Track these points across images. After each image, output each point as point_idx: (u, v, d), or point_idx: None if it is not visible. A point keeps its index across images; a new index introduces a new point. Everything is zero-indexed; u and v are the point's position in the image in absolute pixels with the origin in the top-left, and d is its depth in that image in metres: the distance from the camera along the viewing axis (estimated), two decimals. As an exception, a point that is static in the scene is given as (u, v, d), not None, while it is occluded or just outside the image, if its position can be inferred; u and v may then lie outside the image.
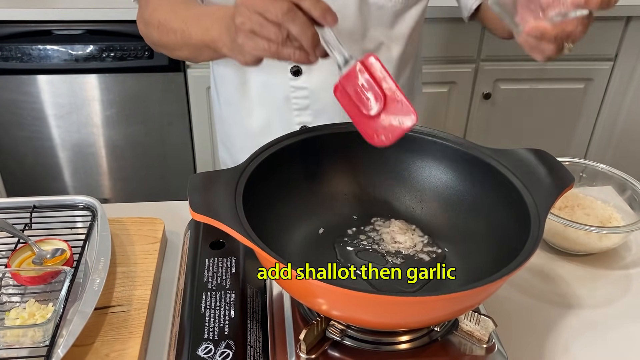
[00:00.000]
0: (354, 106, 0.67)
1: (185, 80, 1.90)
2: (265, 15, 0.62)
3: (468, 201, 0.76)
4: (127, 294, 0.77)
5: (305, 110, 1.00)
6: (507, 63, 2.00)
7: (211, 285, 0.73)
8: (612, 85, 2.08)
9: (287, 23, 0.62)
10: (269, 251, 0.56)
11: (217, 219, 0.59)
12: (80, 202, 0.87)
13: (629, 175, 0.97)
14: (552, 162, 0.71)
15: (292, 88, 0.98)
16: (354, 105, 0.67)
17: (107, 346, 0.70)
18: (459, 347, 0.66)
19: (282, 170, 0.74)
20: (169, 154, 2.03)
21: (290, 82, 0.97)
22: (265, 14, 0.62)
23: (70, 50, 1.79)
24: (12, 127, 1.92)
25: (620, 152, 2.22)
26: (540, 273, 0.88)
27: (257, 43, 0.64)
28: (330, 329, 0.65)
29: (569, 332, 0.78)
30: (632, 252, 0.94)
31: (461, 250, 0.75)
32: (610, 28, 1.96)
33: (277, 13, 0.61)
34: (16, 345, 0.66)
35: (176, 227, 0.92)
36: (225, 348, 0.65)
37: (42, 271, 0.75)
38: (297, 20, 0.62)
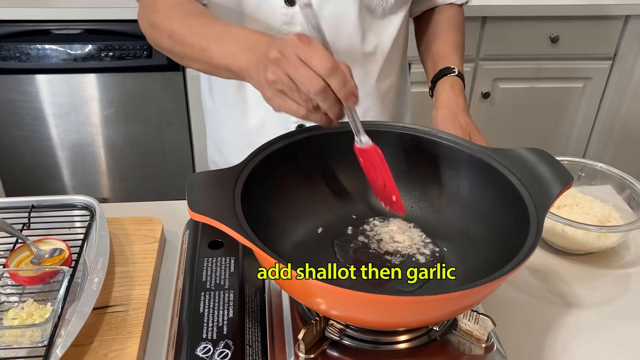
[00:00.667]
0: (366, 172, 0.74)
1: (184, 80, 1.90)
2: (298, 85, 0.63)
3: (467, 200, 0.76)
4: (125, 294, 0.77)
5: None
6: (506, 62, 2.00)
7: (210, 285, 0.73)
8: (610, 84, 2.08)
9: (317, 100, 0.63)
10: (268, 251, 0.56)
11: (216, 219, 0.59)
12: (78, 201, 0.87)
13: (627, 175, 0.97)
14: (551, 161, 0.71)
15: None
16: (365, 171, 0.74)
17: (106, 346, 0.70)
18: (458, 347, 0.66)
19: (281, 170, 0.74)
20: (168, 154, 2.03)
21: None
22: (298, 84, 0.63)
23: (69, 50, 1.79)
24: (11, 127, 1.91)
25: (619, 151, 2.22)
26: (539, 272, 0.88)
27: (286, 103, 0.65)
28: (329, 328, 0.65)
29: (567, 331, 0.78)
30: (631, 251, 0.94)
31: (460, 249, 0.75)
32: (609, 27, 1.97)
33: (310, 90, 0.62)
34: (14, 345, 0.66)
35: (175, 227, 0.92)
36: (224, 348, 0.65)
37: (41, 271, 0.75)
38: (328, 100, 0.63)
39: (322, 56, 0.61)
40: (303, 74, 0.62)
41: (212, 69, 0.78)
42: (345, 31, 0.95)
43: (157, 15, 0.84)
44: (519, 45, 1.97)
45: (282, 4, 0.91)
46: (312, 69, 0.62)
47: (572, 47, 1.99)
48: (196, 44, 0.78)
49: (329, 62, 0.61)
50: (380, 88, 1.04)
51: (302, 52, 0.62)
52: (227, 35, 0.75)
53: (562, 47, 1.98)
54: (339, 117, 0.66)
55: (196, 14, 0.82)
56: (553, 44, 1.97)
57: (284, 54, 0.63)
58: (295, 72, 0.62)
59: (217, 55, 0.75)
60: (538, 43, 1.96)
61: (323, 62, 0.61)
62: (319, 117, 0.66)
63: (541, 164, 0.71)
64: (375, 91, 1.03)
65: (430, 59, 1.03)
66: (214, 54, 0.75)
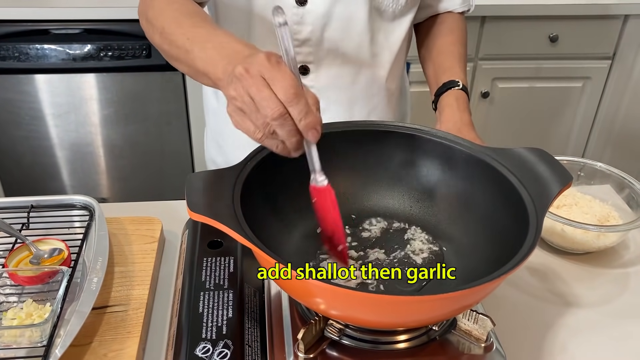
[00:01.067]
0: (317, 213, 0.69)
1: (184, 80, 1.90)
2: (257, 107, 0.60)
3: (466, 200, 0.76)
4: (124, 294, 0.77)
5: None
6: (505, 62, 2.00)
7: (209, 285, 0.73)
8: (610, 84, 2.08)
9: (274, 125, 0.60)
10: (267, 251, 0.56)
11: (215, 219, 0.59)
12: (77, 201, 0.87)
13: (627, 174, 0.97)
14: (550, 160, 0.71)
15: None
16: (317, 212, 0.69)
17: (105, 346, 0.70)
18: (457, 346, 0.66)
19: (280, 169, 0.73)
20: (167, 154, 2.03)
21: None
22: (258, 107, 0.60)
23: (68, 50, 1.79)
24: (10, 127, 1.91)
25: (618, 151, 2.22)
26: (538, 272, 0.88)
27: (244, 122, 0.62)
28: (329, 328, 0.65)
29: (566, 330, 0.78)
30: (630, 251, 0.94)
31: (460, 249, 0.75)
32: (608, 26, 1.97)
33: (268, 114, 0.59)
34: (14, 345, 0.66)
35: (174, 227, 0.92)
36: (223, 348, 0.65)
37: (40, 271, 0.75)
38: (285, 127, 0.60)
39: (286, 80, 0.59)
40: (263, 95, 0.59)
41: (194, 73, 0.75)
42: (355, 32, 0.94)
43: (152, 11, 0.83)
44: (518, 45, 1.97)
45: (293, 4, 0.91)
46: (274, 92, 0.59)
47: (572, 47, 1.99)
48: (182, 45, 0.75)
49: (292, 89, 0.58)
50: (389, 89, 1.04)
51: (267, 73, 0.59)
52: (212, 41, 0.72)
53: (562, 47, 1.98)
54: (297, 148, 0.62)
55: (189, 14, 0.79)
56: (552, 44, 1.97)
57: (249, 72, 0.60)
58: (256, 92, 0.59)
59: (199, 60, 0.72)
60: (537, 43, 1.96)
61: (286, 87, 0.58)
62: (275, 144, 0.62)
63: (540, 163, 0.71)
64: (384, 92, 1.03)
65: (433, 70, 1.02)
66: (197, 59, 0.72)
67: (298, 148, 0.62)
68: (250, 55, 0.64)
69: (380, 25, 0.97)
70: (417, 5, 1.00)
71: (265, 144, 0.62)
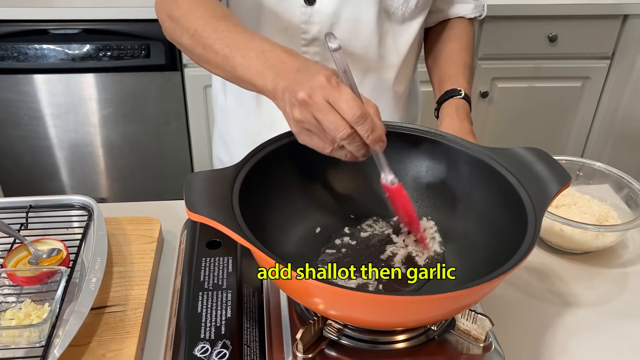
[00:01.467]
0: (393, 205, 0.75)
1: (183, 80, 1.89)
2: (324, 127, 0.63)
3: (465, 200, 0.76)
4: (123, 294, 0.77)
5: None
6: (505, 62, 2.00)
7: (208, 285, 0.73)
8: (609, 84, 2.08)
9: (343, 143, 0.64)
10: (266, 251, 0.56)
11: (214, 219, 0.59)
12: (76, 201, 0.87)
13: (625, 174, 0.97)
14: (549, 160, 0.71)
15: None
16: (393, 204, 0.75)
17: (104, 346, 0.70)
18: (456, 346, 0.66)
19: (279, 170, 0.73)
20: (166, 153, 2.03)
21: None
22: (325, 129, 0.63)
23: (67, 50, 1.79)
24: (9, 127, 1.91)
25: (617, 151, 2.22)
26: (537, 271, 0.88)
27: (312, 140, 0.66)
28: (327, 328, 0.65)
29: (565, 330, 0.78)
30: (629, 250, 0.94)
31: (459, 249, 0.75)
32: (607, 26, 1.97)
33: (337, 135, 0.63)
34: (12, 345, 0.66)
35: (173, 227, 0.92)
36: (222, 348, 0.65)
37: (38, 271, 0.75)
38: (353, 144, 0.64)
39: (350, 102, 0.62)
40: (330, 119, 0.62)
41: (234, 79, 0.75)
42: (363, 33, 0.94)
43: (179, 10, 0.80)
44: (518, 45, 1.97)
45: (301, 3, 0.90)
46: (340, 114, 0.62)
47: (571, 47, 1.99)
48: (220, 51, 0.74)
49: (357, 110, 0.62)
50: (397, 92, 1.04)
51: (330, 96, 0.62)
52: (252, 48, 0.72)
53: (561, 47, 1.98)
54: (364, 156, 0.67)
55: (221, 17, 0.78)
56: (551, 44, 1.97)
57: (312, 98, 0.62)
58: (322, 117, 0.62)
59: (241, 68, 0.72)
60: (536, 42, 1.96)
61: (351, 108, 0.62)
62: (344, 153, 0.66)
63: (539, 163, 0.71)
64: (391, 94, 1.03)
65: (437, 77, 1.02)
66: (238, 66, 0.72)
67: (366, 155, 0.67)
68: (299, 69, 0.66)
69: (389, 27, 0.96)
70: (427, 8, 0.99)
71: (334, 155, 0.67)
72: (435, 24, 1.07)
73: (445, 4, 1.04)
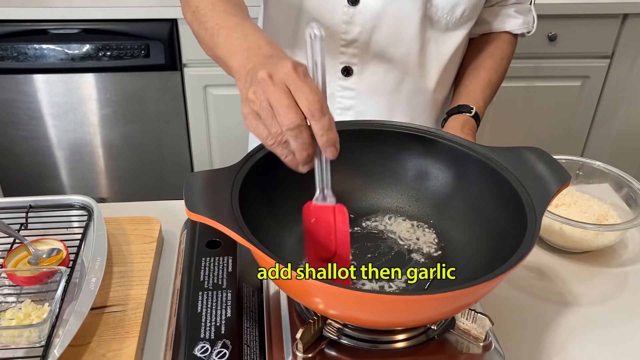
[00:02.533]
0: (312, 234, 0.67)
1: (182, 79, 1.89)
2: (274, 113, 0.58)
3: (465, 199, 0.76)
4: (123, 294, 0.77)
5: (348, 110, 0.99)
6: (504, 61, 1.99)
7: (208, 285, 0.73)
8: (609, 83, 2.08)
9: (288, 136, 0.58)
10: (266, 251, 0.56)
11: (214, 219, 0.59)
12: (76, 201, 0.87)
13: (625, 173, 0.97)
14: (549, 159, 0.71)
15: (339, 87, 0.96)
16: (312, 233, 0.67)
17: (104, 346, 0.70)
18: (456, 346, 0.66)
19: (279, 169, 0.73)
20: (166, 153, 2.03)
21: (339, 81, 0.96)
22: (275, 114, 0.58)
23: (66, 50, 1.79)
24: (9, 127, 1.91)
25: (617, 150, 2.22)
26: (537, 271, 0.88)
27: (258, 127, 0.61)
28: (327, 327, 0.65)
29: (565, 329, 0.78)
30: (629, 250, 0.94)
31: (458, 248, 0.75)
32: (607, 25, 1.97)
33: (285, 123, 0.57)
34: (12, 345, 0.66)
35: (173, 227, 0.92)
36: (222, 347, 0.65)
37: (38, 271, 0.75)
38: (299, 140, 0.58)
39: (312, 94, 0.57)
40: (284, 104, 0.57)
41: (214, 58, 0.75)
42: (404, 39, 0.93)
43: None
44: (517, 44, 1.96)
45: (344, 3, 0.89)
46: (296, 103, 0.57)
47: (570, 46, 1.99)
48: (209, 29, 0.75)
49: (317, 103, 0.56)
50: (436, 100, 1.02)
51: (293, 84, 0.57)
52: (238, 30, 0.71)
53: (560, 46, 1.98)
54: (306, 162, 0.60)
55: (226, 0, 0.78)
56: (551, 43, 1.97)
57: (273, 78, 0.58)
58: (276, 100, 0.57)
59: (221, 46, 0.72)
60: (536, 41, 1.96)
61: (312, 100, 0.56)
62: (285, 153, 0.60)
63: (539, 162, 0.71)
64: (429, 102, 1.01)
65: (457, 88, 1.01)
66: (219, 44, 0.72)
67: (307, 162, 0.61)
68: (271, 56, 0.63)
69: (431, 35, 0.94)
70: (473, 20, 0.96)
71: (275, 151, 0.61)
72: (478, 35, 1.05)
73: (492, 16, 1.01)
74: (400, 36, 0.93)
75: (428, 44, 0.95)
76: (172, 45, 1.81)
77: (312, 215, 0.66)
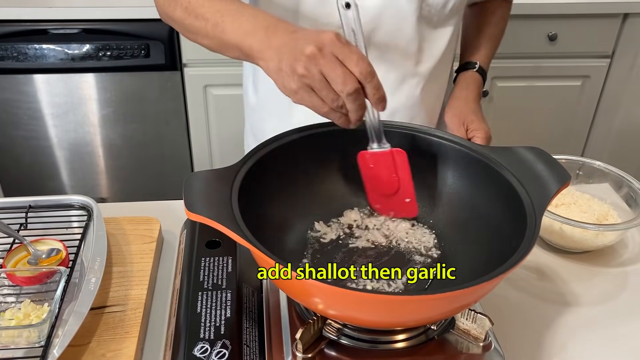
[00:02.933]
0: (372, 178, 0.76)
1: (182, 79, 1.89)
2: (330, 83, 0.63)
3: (465, 199, 0.76)
4: (123, 294, 0.77)
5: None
6: (504, 61, 2.00)
7: (207, 285, 0.73)
8: (609, 83, 2.08)
9: (347, 100, 0.63)
10: (265, 251, 0.56)
11: (213, 219, 0.59)
12: (76, 201, 0.87)
13: (625, 173, 0.97)
14: (549, 159, 0.71)
15: None
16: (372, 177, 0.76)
17: (103, 346, 0.70)
18: (456, 346, 0.65)
19: (279, 169, 0.73)
20: (166, 153, 2.03)
21: None
22: (331, 83, 0.63)
23: (66, 50, 1.79)
24: (9, 127, 1.91)
25: (617, 150, 2.22)
26: (537, 271, 0.88)
27: (311, 98, 0.65)
28: (327, 328, 0.65)
29: (565, 329, 0.78)
30: (629, 250, 0.94)
31: (458, 248, 0.75)
32: (607, 25, 1.96)
33: (344, 89, 0.62)
34: (11, 345, 0.66)
35: (172, 227, 0.92)
36: (222, 348, 0.65)
37: (38, 271, 0.75)
38: (357, 102, 0.64)
39: (360, 58, 0.62)
40: (339, 73, 0.62)
41: (222, 45, 0.76)
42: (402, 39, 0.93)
43: None
44: (517, 44, 1.96)
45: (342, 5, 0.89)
46: (348, 69, 0.62)
47: (571, 46, 1.99)
48: (211, 18, 0.76)
49: (367, 66, 0.62)
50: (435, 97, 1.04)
51: (340, 52, 0.62)
52: (244, 13, 0.73)
53: (561, 46, 1.98)
54: (359, 120, 0.66)
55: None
56: (551, 42, 1.97)
57: (322, 51, 0.62)
58: (330, 71, 0.62)
59: (230, 31, 0.73)
60: (536, 41, 1.96)
61: (361, 64, 0.62)
62: (338, 116, 0.66)
63: (539, 162, 0.71)
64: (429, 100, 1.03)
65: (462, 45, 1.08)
66: (228, 30, 0.73)
67: (359, 119, 0.67)
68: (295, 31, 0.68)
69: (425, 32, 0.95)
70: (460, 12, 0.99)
71: (329, 116, 0.66)
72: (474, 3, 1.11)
73: None
74: (398, 37, 0.93)
75: (423, 42, 0.96)
76: (172, 45, 1.81)
77: (370, 162, 0.74)
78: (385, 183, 0.75)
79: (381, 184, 0.76)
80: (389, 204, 0.77)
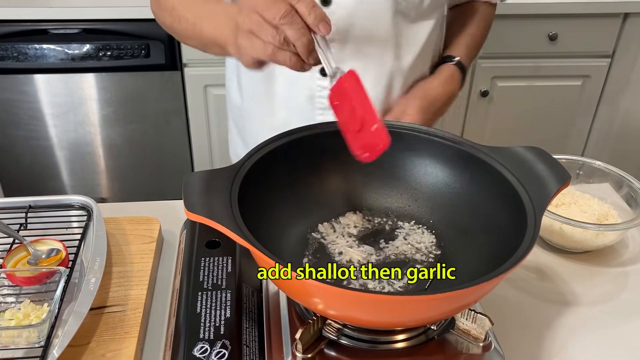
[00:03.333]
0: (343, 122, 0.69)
1: (182, 79, 1.89)
2: (264, 15, 0.64)
3: (465, 199, 0.76)
4: (122, 294, 0.77)
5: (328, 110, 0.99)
6: (505, 60, 2.00)
7: (207, 285, 0.73)
8: (609, 82, 2.08)
9: (283, 26, 0.63)
10: (265, 251, 0.56)
11: (213, 219, 0.59)
12: (75, 201, 0.87)
13: (626, 173, 0.97)
14: (549, 159, 0.71)
15: (318, 87, 0.97)
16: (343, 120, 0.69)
17: (103, 346, 0.70)
18: (456, 346, 0.65)
19: (278, 169, 0.73)
20: (166, 153, 2.03)
21: (318, 81, 0.96)
22: (264, 14, 0.64)
23: (66, 50, 1.79)
24: (9, 127, 1.91)
25: (617, 149, 2.22)
26: (537, 271, 0.88)
27: (253, 43, 0.66)
28: (327, 328, 0.65)
29: (565, 329, 0.78)
30: (629, 250, 0.94)
31: (459, 248, 0.75)
32: (608, 25, 1.96)
33: (275, 15, 0.63)
34: (11, 346, 0.66)
35: (172, 227, 0.92)
36: (221, 348, 0.65)
37: (37, 271, 0.75)
38: (294, 25, 0.63)
39: None
40: (268, 4, 0.63)
41: (203, 44, 0.80)
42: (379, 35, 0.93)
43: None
44: (518, 44, 1.97)
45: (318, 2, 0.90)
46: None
47: (571, 45, 1.99)
48: (191, 19, 0.80)
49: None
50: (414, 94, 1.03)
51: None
52: (218, 10, 0.77)
53: (561, 45, 1.98)
54: (308, 50, 0.65)
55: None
56: (551, 42, 1.97)
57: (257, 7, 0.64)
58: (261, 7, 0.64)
59: (206, 30, 0.77)
60: (536, 41, 1.96)
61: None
62: (288, 55, 0.65)
63: (539, 162, 0.71)
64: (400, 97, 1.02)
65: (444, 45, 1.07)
66: (205, 28, 0.78)
67: (310, 52, 0.65)
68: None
69: (403, 27, 0.95)
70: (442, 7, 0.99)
71: (278, 57, 0.65)
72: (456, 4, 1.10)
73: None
74: (375, 32, 0.94)
75: (401, 37, 0.96)
76: (172, 45, 1.81)
77: (334, 100, 0.68)
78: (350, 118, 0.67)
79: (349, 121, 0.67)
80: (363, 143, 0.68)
